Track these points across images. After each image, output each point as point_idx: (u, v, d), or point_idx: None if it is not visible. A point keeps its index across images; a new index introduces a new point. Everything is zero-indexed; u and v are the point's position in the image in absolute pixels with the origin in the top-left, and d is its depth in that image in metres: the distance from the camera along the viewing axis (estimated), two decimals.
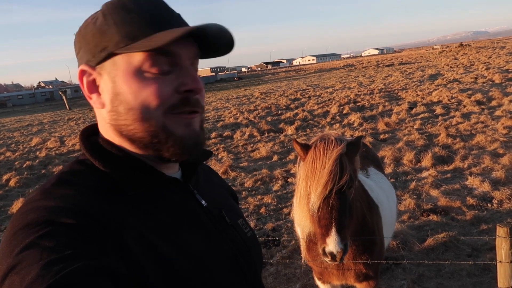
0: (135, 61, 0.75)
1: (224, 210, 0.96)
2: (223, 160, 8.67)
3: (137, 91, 0.76)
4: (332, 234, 1.77)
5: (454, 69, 26.59)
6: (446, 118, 10.47)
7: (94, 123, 0.91)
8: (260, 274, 1.00)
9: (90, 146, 0.82)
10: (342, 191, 1.85)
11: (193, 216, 0.85)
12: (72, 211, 0.67)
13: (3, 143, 16.29)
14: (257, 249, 1.01)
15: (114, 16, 0.76)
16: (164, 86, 0.76)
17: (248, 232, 1.00)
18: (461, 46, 71.47)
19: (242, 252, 0.91)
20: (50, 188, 0.73)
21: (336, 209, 1.81)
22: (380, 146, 8.24)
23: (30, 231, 0.62)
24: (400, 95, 16.09)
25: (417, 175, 6.49)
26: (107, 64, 0.78)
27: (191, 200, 0.89)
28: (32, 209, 0.67)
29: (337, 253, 1.77)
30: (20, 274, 0.57)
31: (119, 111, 0.79)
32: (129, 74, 0.76)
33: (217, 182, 1.11)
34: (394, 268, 3.85)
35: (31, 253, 0.59)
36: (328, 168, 1.79)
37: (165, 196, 0.83)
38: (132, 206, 0.76)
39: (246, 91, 31.38)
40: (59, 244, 0.60)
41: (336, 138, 1.93)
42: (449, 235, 4.24)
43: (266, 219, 5.47)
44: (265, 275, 4.02)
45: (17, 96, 66.37)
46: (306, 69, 69.23)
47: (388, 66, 43.37)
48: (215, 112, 18.45)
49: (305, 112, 14.33)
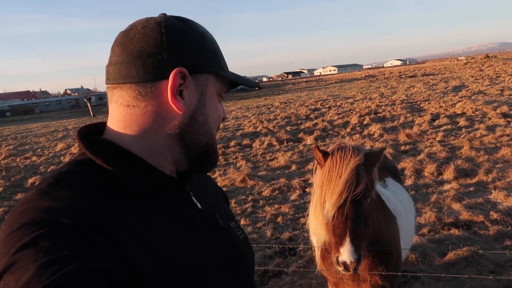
0: (219, 85, 0.92)
1: (217, 213, 0.97)
2: (241, 169, 8.70)
3: (214, 110, 0.91)
4: (346, 243, 1.76)
5: (479, 80, 25.98)
6: (470, 131, 10.22)
7: (89, 124, 0.92)
8: (253, 276, 1.01)
9: (90, 144, 0.82)
10: (357, 200, 1.83)
11: (189, 218, 0.86)
12: (68, 212, 0.67)
13: (29, 148, 16.80)
14: (249, 252, 1.02)
15: (206, 42, 0.89)
16: (222, 112, 0.96)
17: (241, 235, 1.01)
18: (487, 57, 69.86)
19: (236, 255, 0.92)
20: (47, 188, 0.72)
21: (351, 218, 1.80)
22: (400, 158, 8.11)
23: (26, 231, 0.62)
24: (422, 107, 15.82)
25: (438, 188, 6.35)
26: (201, 77, 0.87)
27: (187, 202, 0.90)
28: (29, 209, 0.67)
29: (351, 264, 1.74)
30: (16, 274, 0.57)
31: (198, 121, 0.88)
32: (215, 93, 0.91)
33: (209, 185, 1.12)
34: (412, 282, 3.76)
35: (27, 253, 0.59)
36: (345, 178, 1.78)
37: (162, 197, 0.84)
38: (129, 206, 0.76)
39: (266, 100, 31.47)
40: (55, 245, 0.60)
41: (353, 148, 1.92)
42: (471, 250, 4.12)
43: (283, 229, 5.44)
44: (280, 284, 4.00)
45: (44, 103, 68.46)
46: (327, 79, 68.96)
47: (411, 77, 42.75)
48: (235, 121, 18.56)
49: (325, 122, 14.25)
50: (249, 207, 6.39)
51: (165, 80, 0.81)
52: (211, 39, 0.91)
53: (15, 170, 11.43)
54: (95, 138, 0.84)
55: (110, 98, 0.86)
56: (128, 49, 0.81)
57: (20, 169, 11.57)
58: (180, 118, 0.85)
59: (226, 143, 12.16)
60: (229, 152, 10.93)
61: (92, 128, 0.90)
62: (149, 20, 0.84)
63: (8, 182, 9.80)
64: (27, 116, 51.37)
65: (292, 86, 56.90)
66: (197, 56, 0.85)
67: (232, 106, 29.22)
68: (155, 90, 0.82)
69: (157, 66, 0.80)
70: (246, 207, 6.42)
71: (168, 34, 0.82)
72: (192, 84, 0.85)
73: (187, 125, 0.86)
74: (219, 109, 0.94)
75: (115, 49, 0.84)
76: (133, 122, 0.83)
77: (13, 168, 11.86)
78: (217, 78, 0.91)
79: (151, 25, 0.83)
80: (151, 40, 0.81)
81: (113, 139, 0.84)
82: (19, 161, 13.20)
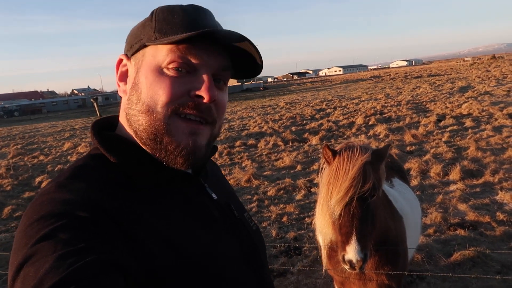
0: (158, 56, 0.79)
1: (232, 204, 0.98)
2: (246, 169, 8.72)
3: (151, 84, 0.79)
4: (352, 242, 1.76)
5: (486, 81, 25.80)
6: (476, 131, 10.17)
7: (105, 117, 0.94)
8: (267, 265, 1.01)
9: (103, 139, 0.83)
10: (364, 198, 1.85)
11: (204, 209, 0.87)
12: (86, 205, 0.68)
13: (37, 147, 16.93)
14: (262, 243, 1.02)
15: (159, 15, 0.82)
16: (177, 85, 0.79)
17: (253, 226, 1.02)
18: (494, 58, 69.36)
19: (249, 244, 0.93)
20: (65, 181, 0.73)
21: (358, 217, 1.80)
22: (406, 158, 8.09)
23: (45, 223, 0.63)
24: (428, 107, 15.75)
25: (444, 188, 6.33)
26: (138, 55, 0.84)
27: (202, 193, 0.90)
28: (47, 201, 0.68)
29: (357, 262, 1.75)
30: (35, 265, 0.58)
31: (132, 100, 0.83)
32: (150, 66, 0.80)
33: (222, 177, 1.13)
34: (418, 282, 3.76)
35: (46, 245, 0.60)
36: (352, 175, 1.78)
37: (176, 190, 0.84)
38: (144, 199, 0.77)
39: (272, 101, 31.47)
40: (73, 237, 0.62)
41: (361, 147, 1.93)
42: (477, 250, 4.11)
43: (288, 228, 5.45)
44: (285, 283, 4.01)
45: (51, 103, 68.92)
46: (332, 80, 68.80)
47: (417, 77, 42.55)
48: (240, 121, 18.58)
49: (330, 122, 14.23)
50: (254, 207, 6.40)
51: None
52: (166, 10, 0.82)
53: (23, 169, 11.54)
54: (108, 134, 0.86)
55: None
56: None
57: (27, 168, 11.67)
58: (124, 102, 0.87)
59: (231, 143, 12.18)
60: (235, 152, 10.96)
61: (106, 122, 0.92)
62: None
63: (16, 181, 9.89)
64: (34, 116, 51.74)
65: (297, 87, 56.83)
66: (136, 37, 0.85)
67: (237, 106, 29.26)
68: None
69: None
70: (251, 206, 6.44)
71: (129, 33, 0.89)
72: (131, 66, 0.86)
73: (127, 107, 0.85)
74: (163, 84, 0.78)
75: None
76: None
77: (21, 167, 11.96)
78: (156, 48, 0.80)
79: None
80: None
81: (123, 133, 0.87)
82: (27, 160, 13.32)
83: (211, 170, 1.03)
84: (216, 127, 0.87)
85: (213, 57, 0.81)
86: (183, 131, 0.80)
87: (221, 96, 0.85)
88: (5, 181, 9.80)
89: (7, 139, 22.46)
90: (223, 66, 0.83)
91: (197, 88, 0.79)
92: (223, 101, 0.86)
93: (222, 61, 0.83)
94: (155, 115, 0.78)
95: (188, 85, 0.79)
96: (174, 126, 0.79)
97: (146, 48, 0.82)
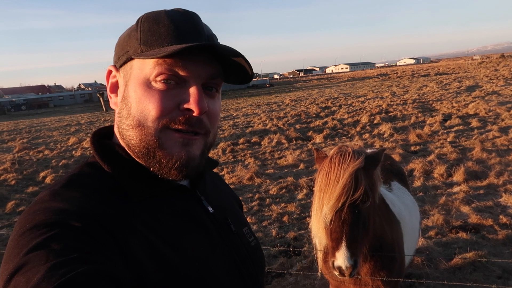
0: (146, 69, 0.78)
1: (230, 218, 0.96)
2: (249, 166, 8.70)
3: (140, 99, 0.78)
4: (341, 248, 1.74)
5: (494, 81, 25.53)
6: (482, 132, 10.06)
7: (107, 126, 0.94)
8: (262, 283, 0.99)
9: (100, 149, 0.84)
10: (355, 205, 1.81)
11: (199, 222, 0.86)
12: (79, 214, 0.68)
13: (42, 141, 17.05)
14: (260, 258, 1.01)
15: (144, 24, 0.79)
16: (166, 99, 0.77)
17: (252, 241, 1.00)
18: (503, 57, 68.61)
19: (244, 260, 0.91)
20: (59, 189, 0.74)
21: (348, 223, 1.77)
22: (410, 158, 8.03)
23: (37, 232, 0.63)
24: (434, 107, 15.61)
25: (447, 190, 6.27)
26: (126, 67, 0.82)
27: (198, 206, 0.89)
28: (41, 210, 0.68)
29: (346, 269, 1.72)
30: (26, 275, 0.58)
31: (122, 114, 0.82)
32: (138, 80, 0.78)
33: (224, 189, 1.11)
34: (417, 286, 3.72)
35: (38, 255, 0.60)
36: (342, 182, 1.75)
37: (172, 202, 0.84)
38: (138, 210, 0.77)
39: (277, 98, 31.40)
40: (65, 247, 0.61)
41: (354, 151, 1.89)
42: (479, 254, 4.06)
43: (288, 228, 5.43)
44: (283, 284, 4.00)
45: (58, 97, 69.40)
46: (338, 77, 68.51)
47: (424, 76, 42.23)
48: (245, 118, 18.56)
49: (335, 120, 14.17)
50: (256, 205, 6.39)
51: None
52: (151, 19, 0.79)
53: (27, 164, 11.62)
54: (105, 143, 0.86)
55: None
56: None
57: (32, 163, 11.75)
58: (116, 115, 0.86)
59: (235, 140, 12.17)
60: (238, 150, 10.95)
61: (108, 131, 0.92)
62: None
63: (20, 175, 9.96)
64: (41, 110, 52.15)
65: (304, 84, 56.65)
66: (122, 48, 0.83)
67: (242, 103, 29.24)
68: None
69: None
70: (253, 205, 6.42)
71: (117, 41, 0.87)
72: (120, 78, 0.85)
73: (118, 120, 0.84)
74: (153, 99, 0.77)
75: None
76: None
77: (26, 161, 12.05)
78: (143, 61, 0.78)
79: None
80: None
81: (119, 144, 0.86)
82: (32, 154, 13.41)
83: (212, 182, 1.03)
84: (210, 136, 0.86)
85: (201, 67, 0.79)
86: (176, 143, 0.79)
87: (212, 105, 0.83)
88: (10, 175, 9.88)
89: (14, 133, 22.64)
90: (212, 74, 0.81)
91: (187, 101, 0.78)
92: (214, 109, 0.85)
93: (211, 70, 0.81)
94: (145, 130, 0.78)
95: (177, 98, 0.78)
96: (166, 139, 0.78)
97: (133, 61, 0.80)
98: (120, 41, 0.84)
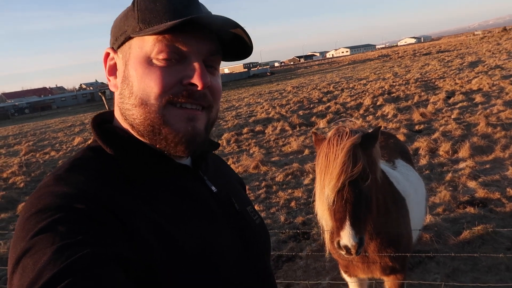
0: (145, 47, 0.78)
1: (233, 197, 0.97)
2: (254, 155, 8.72)
3: (141, 77, 0.78)
4: (346, 227, 1.75)
5: (497, 55, 25.22)
6: (487, 107, 9.98)
7: (106, 111, 0.94)
8: (268, 260, 1.01)
9: (101, 132, 0.84)
10: (355, 183, 1.82)
11: (202, 201, 0.86)
12: (84, 197, 0.68)
13: (48, 143, 17.17)
14: (265, 236, 1.02)
15: (140, 4, 0.80)
16: (168, 75, 0.77)
17: (257, 219, 1.01)
18: (505, 30, 67.61)
19: (250, 238, 0.92)
20: (63, 173, 0.74)
21: (350, 202, 1.78)
22: (415, 137, 8.01)
23: (43, 216, 0.64)
24: (437, 84, 15.49)
25: (453, 166, 6.26)
26: (124, 47, 0.82)
27: (201, 186, 0.90)
28: (46, 194, 0.69)
29: (352, 247, 1.74)
30: (33, 257, 0.59)
31: (124, 94, 0.82)
32: (138, 59, 0.79)
33: (226, 171, 1.12)
34: (427, 261, 3.75)
35: (44, 238, 0.61)
36: (341, 160, 1.76)
37: (175, 182, 0.84)
38: (142, 191, 0.77)
39: (279, 85, 31.29)
40: (71, 230, 0.62)
41: (351, 130, 1.90)
42: (487, 227, 4.06)
43: (296, 213, 5.47)
44: (294, 268, 4.04)
45: (60, 98, 69.65)
46: (339, 61, 68.00)
47: (425, 55, 41.80)
48: (247, 107, 18.54)
49: (338, 105, 14.11)
50: (263, 193, 6.42)
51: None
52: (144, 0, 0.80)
53: (35, 166, 11.72)
54: (107, 126, 0.87)
55: None
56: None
57: (39, 165, 11.85)
58: (117, 96, 0.86)
59: (239, 130, 12.18)
60: (242, 139, 10.96)
61: (108, 116, 0.93)
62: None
63: (28, 178, 10.06)
64: (45, 112, 52.38)
65: (305, 70, 56.34)
66: (120, 28, 0.83)
67: (244, 93, 29.17)
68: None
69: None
70: (260, 193, 6.46)
71: (112, 24, 0.88)
72: (119, 59, 0.85)
73: (120, 102, 0.84)
74: (154, 76, 0.77)
75: None
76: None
77: (33, 163, 12.15)
78: (142, 39, 0.79)
79: None
80: None
81: (120, 127, 0.87)
82: (39, 156, 13.52)
83: (214, 164, 1.03)
84: (213, 111, 0.86)
85: (201, 42, 0.79)
86: (181, 119, 0.79)
87: (214, 80, 0.84)
88: (18, 178, 9.97)
89: (19, 136, 22.81)
90: (212, 50, 0.82)
91: (189, 76, 0.78)
92: (217, 85, 0.85)
93: (211, 46, 0.81)
94: (149, 107, 0.78)
95: (179, 74, 0.78)
96: (171, 116, 0.78)
97: (132, 40, 0.80)
98: (117, 22, 0.85)
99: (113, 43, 0.85)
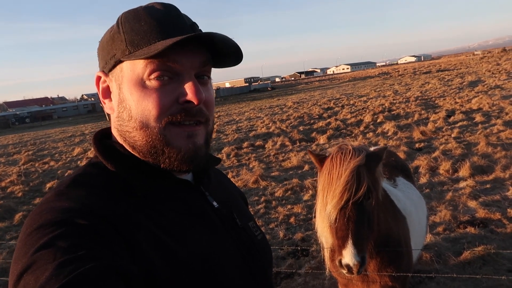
0: (137, 69, 0.78)
1: (235, 213, 0.97)
2: (254, 170, 8.70)
3: (138, 100, 0.78)
4: (348, 246, 1.74)
5: (496, 75, 25.41)
6: (487, 126, 10.01)
7: (107, 127, 0.95)
8: (270, 276, 1.00)
9: (102, 148, 0.85)
10: (359, 202, 1.81)
11: (204, 216, 0.87)
12: (85, 212, 0.68)
13: (48, 153, 17.14)
14: (267, 252, 1.01)
15: (125, 25, 0.79)
16: (164, 96, 0.78)
17: (259, 235, 1.00)
18: (504, 51, 68.32)
19: (251, 254, 0.92)
20: (64, 189, 0.75)
21: (353, 220, 1.77)
22: (415, 155, 8.00)
23: (44, 232, 0.64)
24: (437, 103, 15.56)
25: (454, 186, 6.24)
26: (116, 70, 0.82)
27: (203, 201, 0.90)
28: (47, 210, 0.69)
29: (354, 266, 1.72)
30: (35, 273, 0.58)
31: (123, 117, 0.82)
32: (132, 81, 0.79)
33: (228, 185, 1.12)
34: (427, 282, 3.70)
35: (45, 253, 0.60)
36: (344, 179, 1.75)
37: (177, 197, 0.85)
38: (144, 206, 0.77)
39: (279, 100, 31.42)
40: (72, 245, 0.62)
41: (354, 148, 1.89)
42: (488, 248, 4.03)
43: (295, 229, 5.43)
44: (293, 285, 3.99)
45: (61, 109, 69.91)
46: (340, 78, 68.46)
47: (426, 73, 42.10)
48: (248, 122, 18.58)
49: (338, 121, 14.15)
50: (262, 208, 6.39)
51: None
52: (131, 18, 0.80)
53: (34, 175, 11.67)
54: (108, 142, 0.88)
55: None
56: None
57: (38, 174, 11.81)
58: (114, 119, 0.86)
59: (239, 144, 12.18)
60: (242, 153, 10.95)
61: (107, 131, 0.93)
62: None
63: (27, 187, 10.01)
64: (45, 122, 52.49)
65: (305, 86, 56.68)
66: (108, 52, 0.83)
67: (245, 107, 29.28)
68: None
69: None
70: (259, 208, 6.42)
71: (98, 46, 0.88)
72: (111, 82, 0.85)
73: (118, 124, 0.85)
74: (151, 98, 0.77)
75: None
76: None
77: (32, 173, 12.11)
78: (133, 61, 0.78)
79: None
80: None
81: (118, 142, 0.87)
82: (38, 166, 13.48)
83: (216, 178, 1.04)
84: (209, 123, 0.87)
85: (191, 56, 0.80)
86: (181, 137, 0.80)
87: (207, 93, 0.84)
88: (17, 187, 9.93)
89: (19, 145, 22.78)
90: (203, 62, 0.82)
91: (185, 94, 0.79)
92: (210, 97, 0.86)
93: (201, 57, 0.82)
94: (150, 130, 0.79)
95: (174, 92, 0.79)
96: (171, 135, 0.79)
97: (123, 63, 0.80)
98: (103, 45, 0.84)
99: (103, 67, 0.85)
